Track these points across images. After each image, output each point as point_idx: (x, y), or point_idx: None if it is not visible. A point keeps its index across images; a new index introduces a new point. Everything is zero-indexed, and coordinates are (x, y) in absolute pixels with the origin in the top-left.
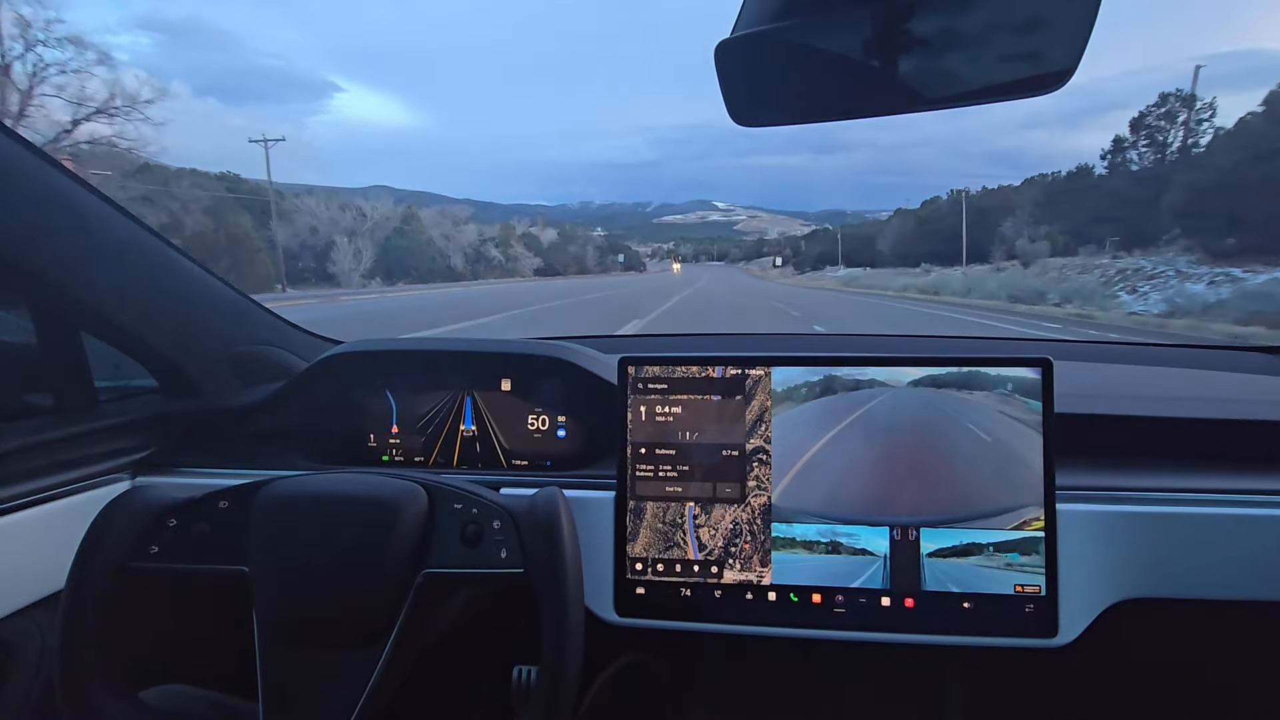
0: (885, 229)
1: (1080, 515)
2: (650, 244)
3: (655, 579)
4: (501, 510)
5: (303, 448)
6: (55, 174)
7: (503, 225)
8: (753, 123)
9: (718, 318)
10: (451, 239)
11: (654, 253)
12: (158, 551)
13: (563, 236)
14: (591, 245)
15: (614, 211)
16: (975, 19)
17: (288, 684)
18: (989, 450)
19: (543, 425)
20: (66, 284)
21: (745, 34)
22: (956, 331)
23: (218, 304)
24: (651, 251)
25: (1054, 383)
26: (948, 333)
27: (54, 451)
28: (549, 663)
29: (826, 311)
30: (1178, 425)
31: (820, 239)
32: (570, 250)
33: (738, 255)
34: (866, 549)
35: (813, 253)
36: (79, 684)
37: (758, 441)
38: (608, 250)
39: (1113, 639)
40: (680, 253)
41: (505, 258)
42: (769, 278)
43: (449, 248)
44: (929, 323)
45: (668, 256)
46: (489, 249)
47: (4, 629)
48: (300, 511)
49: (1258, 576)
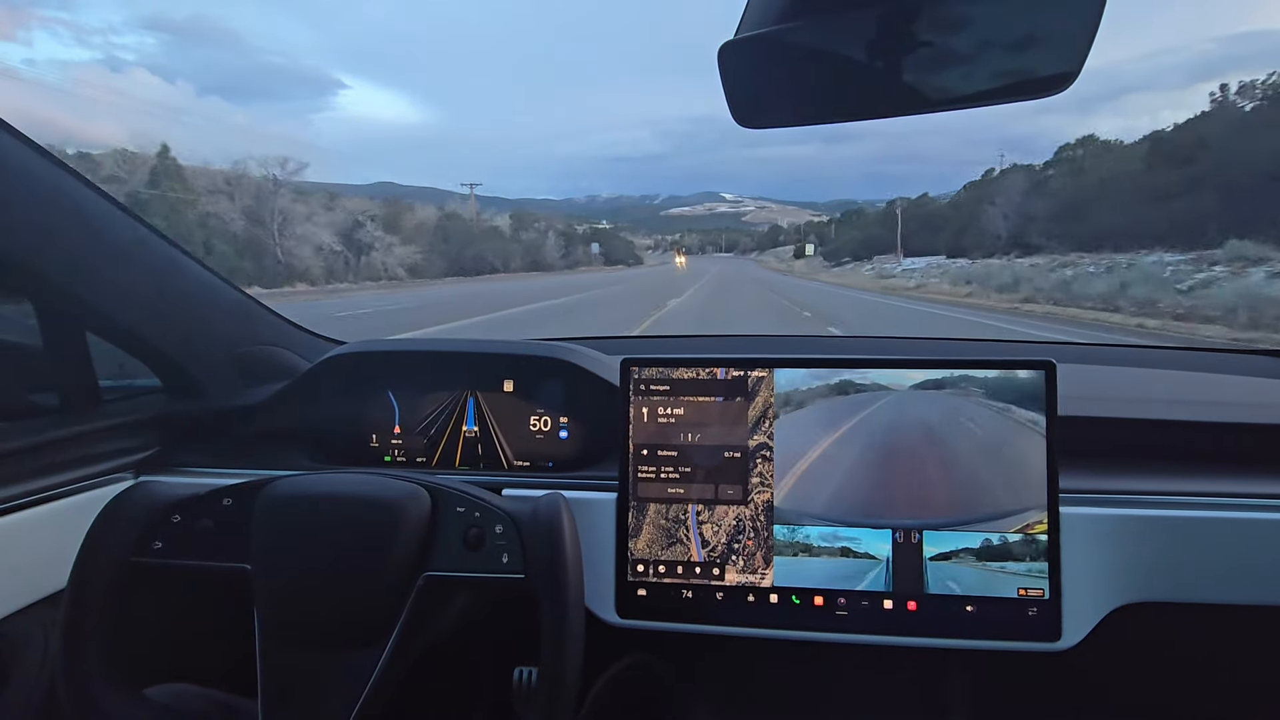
0: (975, 198)
1: (1084, 519)
2: (656, 235)
3: (657, 581)
4: (504, 515)
5: (306, 448)
6: (61, 174)
7: (388, 201)
8: (756, 124)
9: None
10: (312, 219)
11: (657, 244)
12: (161, 547)
13: (516, 220)
14: (553, 232)
15: (621, 204)
16: (979, 22)
17: (287, 683)
18: (992, 453)
19: (545, 426)
20: (72, 284)
21: (748, 35)
22: None
23: (221, 304)
24: (654, 243)
25: (1057, 385)
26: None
27: (58, 450)
28: (549, 668)
29: None
30: (1182, 428)
31: (856, 223)
32: (525, 238)
33: (749, 245)
34: (869, 552)
35: (847, 240)
36: (81, 679)
37: (760, 443)
38: (577, 239)
39: (1116, 643)
40: (685, 244)
41: (381, 248)
42: (794, 272)
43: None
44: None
45: (671, 248)
46: (363, 233)
47: (8, 627)
48: (303, 511)
49: (1263, 581)
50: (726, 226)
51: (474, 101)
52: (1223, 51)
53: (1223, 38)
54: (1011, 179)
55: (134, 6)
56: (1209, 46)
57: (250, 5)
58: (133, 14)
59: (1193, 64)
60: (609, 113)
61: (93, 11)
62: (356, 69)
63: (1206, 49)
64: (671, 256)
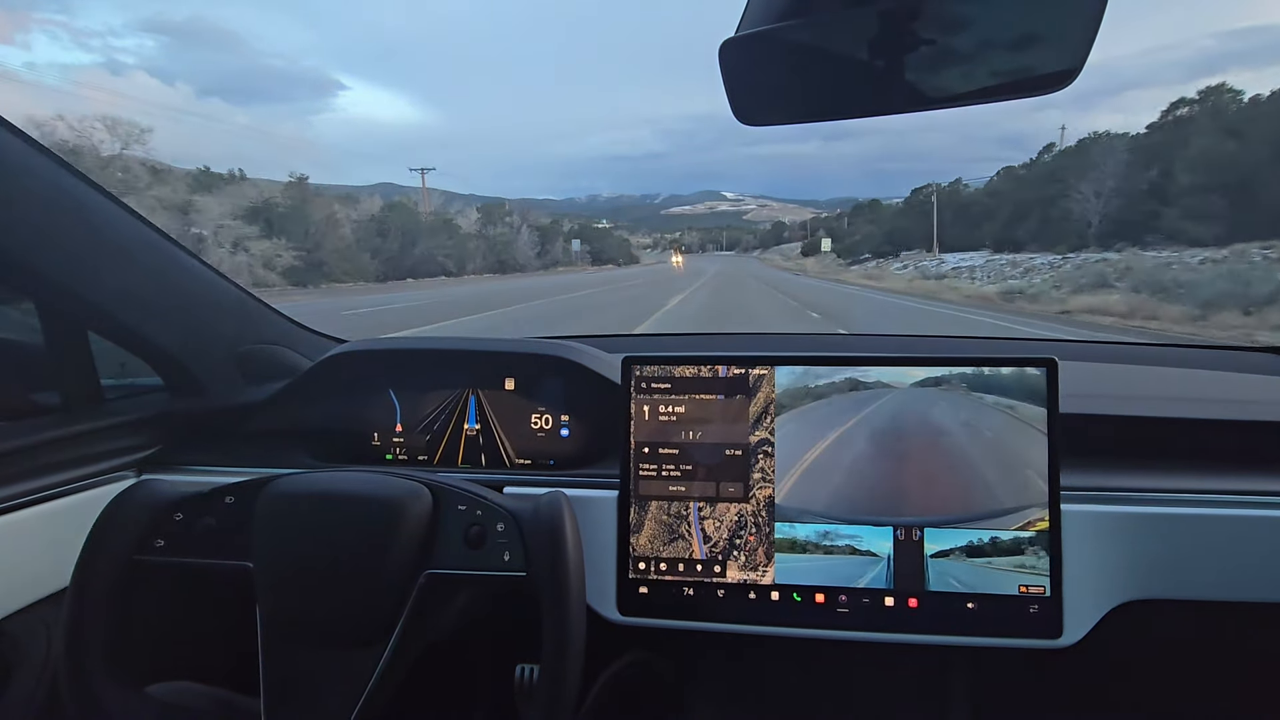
0: (1039, 176)
1: (1085, 516)
2: (656, 233)
3: (658, 578)
4: (505, 513)
5: (307, 446)
6: (62, 173)
7: (291, 182)
8: (757, 121)
9: None
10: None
11: (656, 243)
12: (163, 545)
13: (485, 215)
14: (527, 227)
15: (623, 204)
16: (980, 20)
17: (289, 680)
18: (993, 450)
19: (546, 424)
20: (73, 283)
21: (749, 33)
22: None
23: (223, 303)
24: (654, 241)
25: (1059, 383)
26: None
27: (61, 449)
28: (550, 666)
29: None
30: (1183, 426)
31: (870, 216)
32: (492, 234)
33: (751, 243)
34: (870, 549)
35: (865, 235)
36: (84, 677)
37: (761, 441)
38: (556, 236)
39: (1118, 640)
40: (685, 242)
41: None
42: (807, 271)
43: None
44: None
45: (671, 246)
46: (205, 222)
47: (11, 625)
48: (305, 509)
49: (1264, 578)
50: (728, 225)
51: (474, 102)
52: (1221, 47)
53: (1221, 33)
54: (1105, 149)
55: (133, 9)
56: (1208, 43)
57: (249, 8)
58: (133, 16)
59: (1192, 60)
60: (608, 111)
61: (95, 16)
62: (356, 69)
63: (1205, 45)
64: (670, 255)
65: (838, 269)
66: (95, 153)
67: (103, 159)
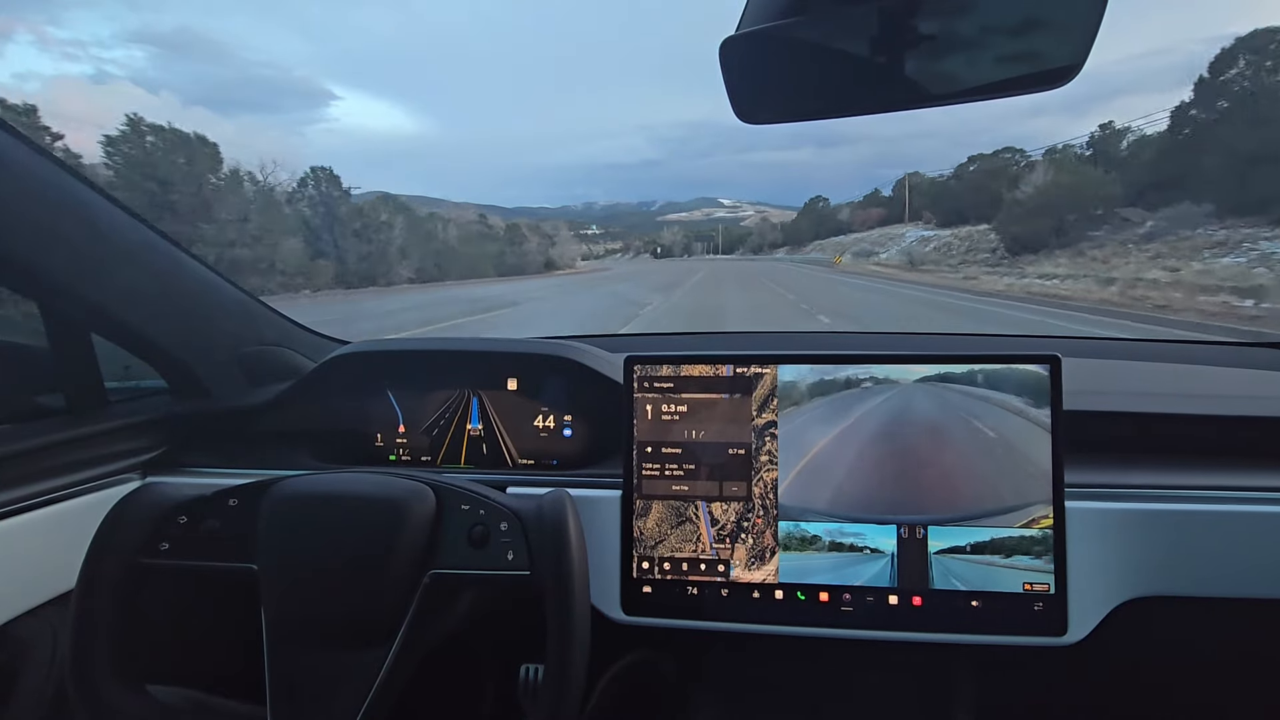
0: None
1: (1090, 513)
2: (644, 237)
3: (662, 578)
4: (509, 512)
5: (311, 447)
6: (66, 177)
7: None
8: (758, 120)
9: None
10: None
11: (627, 246)
12: (168, 548)
13: (401, 214)
14: (453, 225)
15: (619, 211)
16: (981, 15)
17: (295, 681)
18: (997, 448)
19: (549, 424)
20: (77, 286)
21: (749, 31)
22: None
23: (226, 305)
24: (623, 246)
25: (1063, 379)
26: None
27: (65, 452)
28: (554, 666)
29: None
30: (1187, 422)
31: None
32: (428, 233)
33: (757, 244)
34: (874, 547)
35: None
36: (90, 679)
37: (764, 439)
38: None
39: (1123, 638)
40: (665, 242)
41: None
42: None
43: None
44: None
45: (645, 249)
46: None
47: (17, 628)
48: (308, 510)
49: (1270, 575)
50: (726, 228)
51: (467, 111)
52: (1211, 53)
53: (1210, 39)
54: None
55: (121, 20)
56: (1197, 48)
57: (237, 18)
58: (120, 27)
59: (1184, 66)
60: (602, 119)
61: (82, 27)
62: (348, 79)
63: (1195, 50)
64: (645, 261)
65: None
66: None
67: None
